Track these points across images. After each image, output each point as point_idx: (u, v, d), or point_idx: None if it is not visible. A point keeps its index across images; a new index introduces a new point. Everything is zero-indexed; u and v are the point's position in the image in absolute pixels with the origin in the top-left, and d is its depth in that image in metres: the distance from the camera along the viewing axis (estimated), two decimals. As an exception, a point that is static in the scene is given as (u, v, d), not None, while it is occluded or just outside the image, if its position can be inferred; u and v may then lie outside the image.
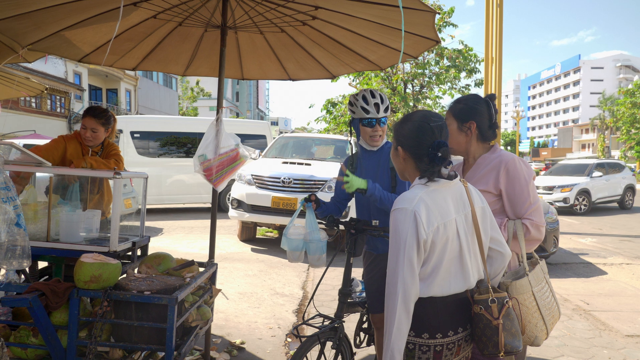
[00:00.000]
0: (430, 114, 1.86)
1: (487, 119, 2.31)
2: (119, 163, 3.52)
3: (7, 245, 2.28)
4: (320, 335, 2.55)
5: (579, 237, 10.48)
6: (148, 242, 3.29)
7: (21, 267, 2.35)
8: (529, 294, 2.02)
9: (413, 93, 16.57)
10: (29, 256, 2.37)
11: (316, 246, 2.66)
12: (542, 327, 2.03)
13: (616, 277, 6.95)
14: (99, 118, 3.50)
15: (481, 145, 2.35)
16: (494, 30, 9.09)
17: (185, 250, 7.69)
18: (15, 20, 2.98)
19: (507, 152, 2.31)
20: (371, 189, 2.59)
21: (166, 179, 12.21)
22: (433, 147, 1.75)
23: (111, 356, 2.36)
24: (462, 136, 2.33)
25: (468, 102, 2.35)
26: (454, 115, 2.35)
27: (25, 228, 2.36)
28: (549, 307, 2.07)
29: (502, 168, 2.22)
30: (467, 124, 2.31)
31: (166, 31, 3.68)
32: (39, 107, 25.96)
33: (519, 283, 2.01)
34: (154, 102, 38.82)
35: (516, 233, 2.17)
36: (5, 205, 2.28)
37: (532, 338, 2.02)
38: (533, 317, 2.01)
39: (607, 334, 4.59)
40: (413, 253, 1.66)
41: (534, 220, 2.18)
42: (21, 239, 2.33)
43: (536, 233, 2.18)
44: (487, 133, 2.33)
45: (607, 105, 55.47)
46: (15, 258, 2.31)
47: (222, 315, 4.61)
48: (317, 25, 3.47)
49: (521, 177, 2.20)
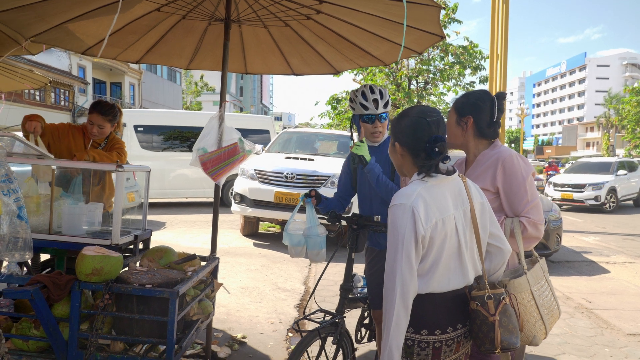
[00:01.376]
0: (427, 109, 1.85)
1: (488, 116, 2.27)
2: (121, 156, 3.51)
3: (9, 238, 2.29)
4: (321, 330, 2.54)
5: (582, 236, 10.45)
6: (150, 236, 3.30)
7: (23, 260, 2.35)
8: (527, 292, 1.99)
9: (417, 89, 16.51)
10: (31, 248, 2.37)
11: (315, 241, 2.67)
12: (541, 326, 2.01)
13: (619, 275, 6.93)
14: (106, 115, 3.49)
15: (481, 142, 2.31)
16: (499, 27, 9.05)
17: (188, 244, 7.70)
18: (18, 11, 2.97)
19: (506, 148, 2.27)
20: (372, 164, 2.64)
21: (169, 173, 12.22)
22: (430, 142, 1.74)
23: (112, 349, 2.36)
24: (459, 130, 2.31)
25: (471, 97, 2.33)
26: (455, 108, 2.34)
27: (27, 220, 2.36)
28: (548, 306, 2.05)
29: (499, 165, 2.18)
30: (465, 119, 2.29)
31: (170, 24, 3.67)
32: (43, 100, 25.99)
33: (517, 282, 1.99)
34: (157, 96, 38.83)
35: (513, 231, 2.13)
36: (7, 197, 2.28)
37: (531, 337, 2.00)
38: (531, 317, 1.99)
39: (609, 332, 4.58)
40: (411, 249, 1.65)
41: (531, 218, 2.14)
42: (23, 231, 2.33)
43: (534, 231, 2.14)
44: (485, 130, 2.29)
45: (613, 103, 55.15)
46: (17, 250, 2.32)
47: (224, 310, 4.62)
48: (321, 20, 3.45)
49: (518, 174, 2.16)
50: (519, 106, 58.54)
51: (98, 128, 3.49)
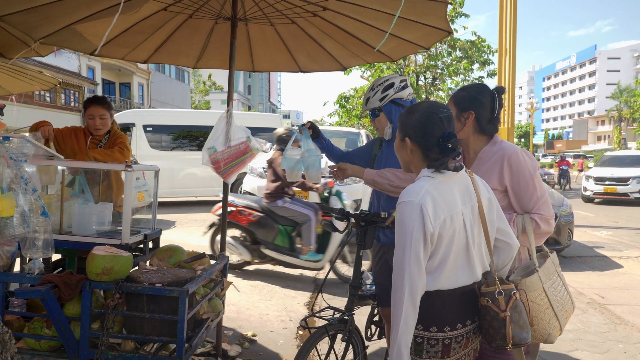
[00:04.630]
0: (437, 104, 1.83)
1: (489, 112, 2.20)
2: (123, 151, 3.51)
3: (34, 235, 2.34)
4: (329, 328, 2.54)
5: (594, 230, 10.35)
6: (160, 235, 3.31)
7: (45, 256, 2.40)
8: (540, 290, 1.96)
9: (425, 85, 16.44)
10: (53, 245, 2.42)
11: (313, 160, 2.80)
12: (555, 323, 1.98)
13: (632, 270, 6.86)
14: (103, 104, 3.55)
15: (480, 138, 2.24)
16: (508, 21, 8.98)
17: (197, 243, 7.72)
18: (26, 13, 2.99)
19: (508, 143, 2.20)
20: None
21: (179, 172, 12.28)
22: (443, 138, 1.72)
23: (123, 348, 2.38)
24: (458, 125, 2.22)
25: (471, 91, 2.25)
26: (454, 102, 2.26)
27: (49, 217, 2.40)
28: (561, 302, 2.02)
29: (505, 163, 2.12)
30: (465, 114, 2.20)
31: (177, 23, 3.68)
32: (53, 101, 26.22)
33: (529, 280, 1.96)
34: (166, 96, 39.02)
35: (525, 228, 2.10)
36: (30, 195, 2.32)
37: (545, 335, 1.97)
38: (545, 314, 1.96)
39: (623, 327, 4.53)
40: (420, 246, 1.63)
41: (543, 214, 2.10)
42: (46, 229, 2.38)
43: (546, 227, 2.11)
44: (486, 126, 2.21)
45: (624, 96, 54.55)
46: (40, 248, 2.36)
47: (234, 308, 4.63)
48: (327, 16, 3.44)
49: (526, 171, 2.10)
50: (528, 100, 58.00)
51: (100, 119, 3.51)
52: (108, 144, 3.60)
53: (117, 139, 3.61)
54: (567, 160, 23.55)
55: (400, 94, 2.72)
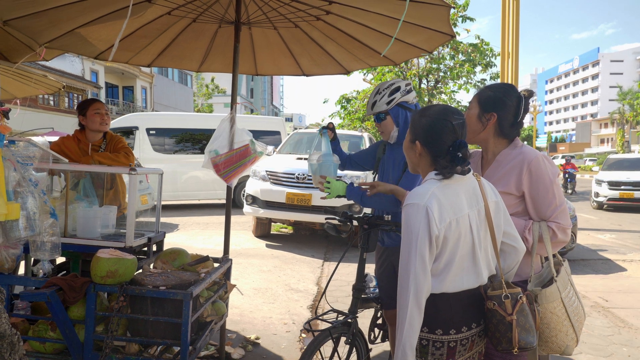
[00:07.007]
0: (451, 109, 1.79)
1: (512, 116, 2.12)
2: (129, 156, 3.52)
3: (43, 237, 2.37)
4: (332, 331, 2.54)
5: (597, 233, 10.32)
6: (163, 238, 3.32)
7: (53, 257, 2.42)
8: (559, 301, 1.93)
9: (428, 88, 16.44)
10: (60, 247, 2.45)
11: (328, 166, 2.79)
12: (572, 334, 1.95)
13: (636, 273, 6.83)
14: (100, 101, 3.64)
15: (501, 141, 2.17)
16: (510, 24, 8.98)
17: (201, 246, 7.74)
18: (31, 18, 3.01)
19: (530, 148, 2.11)
20: (349, 194, 2.67)
21: (182, 175, 12.30)
22: (454, 147, 1.70)
23: (127, 350, 2.39)
24: (479, 126, 2.15)
25: (497, 91, 2.16)
26: (479, 101, 2.17)
27: (58, 219, 2.43)
28: (576, 312, 1.99)
29: (525, 168, 2.04)
30: (488, 115, 2.13)
31: (180, 28, 3.70)
32: (57, 105, 26.35)
33: (548, 291, 1.93)
34: (169, 99, 39.14)
35: (542, 236, 2.03)
36: (40, 197, 2.34)
37: (563, 347, 1.94)
38: (563, 326, 1.93)
39: (627, 331, 4.52)
40: (425, 249, 1.64)
41: (560, 223, 2.03)
42: (55, 231, 2.41)
43: (563, 236, 2.04)
44: (507, 130, 2.13)
45: (627, 99, 54.41)
46: (48, 249, 2.38)
47: (237, 311, 4.64)
48: (330, 20, 3.45)
49: (546, 178, 2.03)
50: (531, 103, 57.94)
51: (105, 114, 3.57)
52: (108, 147, 3.61)
53: (118, 143, 3.63)
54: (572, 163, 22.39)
55: (406, 97, 2.72)
